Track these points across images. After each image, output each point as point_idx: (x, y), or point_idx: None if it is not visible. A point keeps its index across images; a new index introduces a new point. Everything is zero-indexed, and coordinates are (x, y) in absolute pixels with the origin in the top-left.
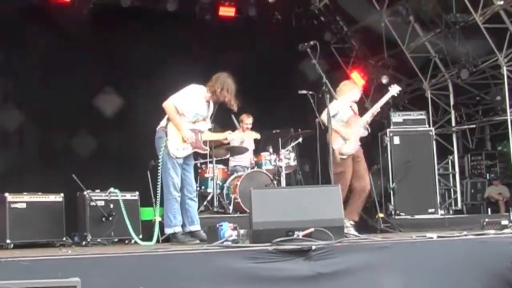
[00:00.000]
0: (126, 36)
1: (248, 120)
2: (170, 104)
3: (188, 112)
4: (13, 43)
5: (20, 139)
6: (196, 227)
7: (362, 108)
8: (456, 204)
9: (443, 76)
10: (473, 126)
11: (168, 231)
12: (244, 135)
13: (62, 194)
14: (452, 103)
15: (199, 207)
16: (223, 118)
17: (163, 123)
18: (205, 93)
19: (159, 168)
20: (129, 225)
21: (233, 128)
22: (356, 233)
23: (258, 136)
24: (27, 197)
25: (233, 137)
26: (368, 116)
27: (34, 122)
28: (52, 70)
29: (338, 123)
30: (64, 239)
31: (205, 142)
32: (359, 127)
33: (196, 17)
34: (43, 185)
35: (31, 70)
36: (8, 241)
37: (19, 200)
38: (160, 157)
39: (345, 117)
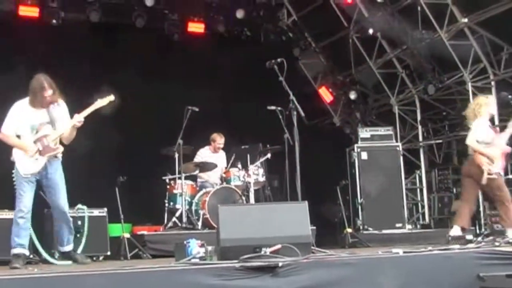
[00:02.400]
0: (92, 51)
1: (220, 140)
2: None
3: (22, 129)
4: None
5: None
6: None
7: (331, 124)
8: (423, 219)
9: (410, 91)
10: (440, 141)
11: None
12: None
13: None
14: (419, 118)
15: (167, 223)
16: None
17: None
18: (29, 103)
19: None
20: (37, 242)
21: (203, 145)
22: None
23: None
24: None
25: None
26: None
27: None
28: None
29: (481, 145)
30: (31, 256)
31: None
32: (502, 143)
33: (164, 33)
34: (10, 202)
35: None
36: None
37: None
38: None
39: (488, 138)
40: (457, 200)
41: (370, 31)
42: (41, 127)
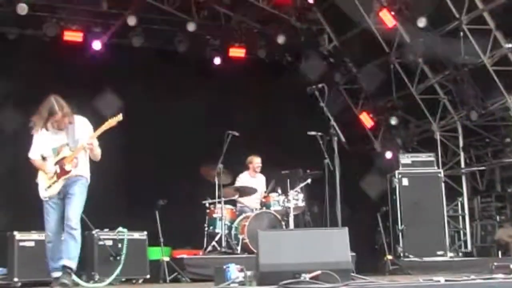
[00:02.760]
0: (134, 76)
1: (257, 159)
2: (29, 157)
3: (46, 152)
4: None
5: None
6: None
7: (372, 149)
8: (466, 247)
9: (452, 117)
10: (483, 168)
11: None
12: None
13: None
14: (461, 144)
15: (207, 247)
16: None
17: None
18: (42, 127)
19: None
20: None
21: (243, 170)
22: None
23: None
24: (35, 236)
25: None
26: None
27: None
28: None
29: None
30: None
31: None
32: None
33: (206, 58)
34: None
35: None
36: (15, 279)
37: (27, 238)
38: None
39: None
40: (501, 228)
41: (411, 56)
42: (61, 149)
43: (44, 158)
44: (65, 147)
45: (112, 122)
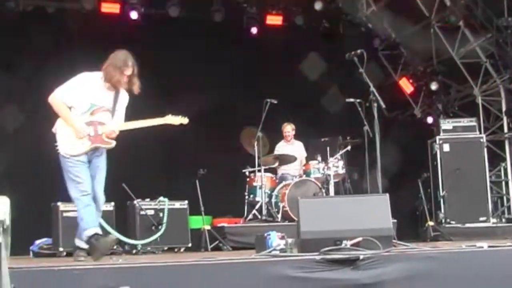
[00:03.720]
0: (173, 46)
1: (287, 127)
2: (53, 97)
3: (79, 104)
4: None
5: None
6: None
7: (412, 115)
8: (509, 213)
9: (495, 81)
10: None
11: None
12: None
13: (113, 203)
14: (504, 108)
15: (247, 215)
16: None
17: (56, 122)
18: (100, 79)
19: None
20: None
21: (279, 140)
22: None
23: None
24: None
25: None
26: None
27: None
28: None
29: None
30: (115, 247)
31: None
32: None
33: (243, 26)
34: None
35: None
36: (61, 249)
37: (71, 209)
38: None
39: None
40: None
41: (452, 20)
42: (99, 111)
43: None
44: (105, 112)
45: (173, 120)
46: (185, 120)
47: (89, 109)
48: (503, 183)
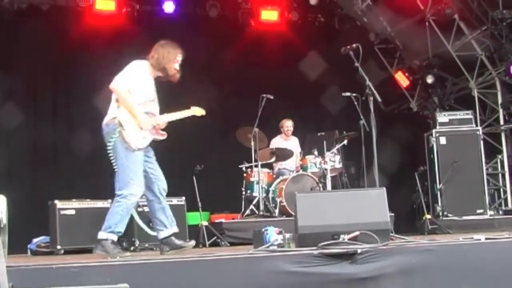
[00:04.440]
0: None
1: (288, 123)
2: (119, 84)
3: (137, 93)
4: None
5: (67, 148)
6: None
7: (408, 109)
8: (506, 205)
9: (490, 74)
10: None
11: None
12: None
13: (109, 200)
14: (500, 101)
15: (245, 211)
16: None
17: (112, 113)
18: (149, 68)
19: (114, 164)
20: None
21: (276, 134)
22: None
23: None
24: (76, 204)
25: None
26: None
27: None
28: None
29: None
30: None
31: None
32: None
33: (238, 22)
34: (91, 192)
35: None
36: (58, 247)
37: (68, 207)
38: (110, 151)
39: None
40: None
41: (448, 12)
42: (149, 101)
43: None
44: (153, 103)
45: (195, 111)
46: (203, 111)
47: (144, 100)
48: (500, 175)
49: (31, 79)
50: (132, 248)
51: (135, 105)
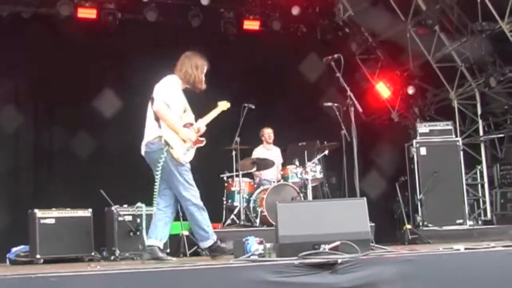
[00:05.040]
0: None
1: (267, 130)
2: (161, 104)
3: (176, 107)
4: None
5: (48, 156)
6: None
7: (389, 119)
8: (485, 215)
9: (470, 85)
10: (502, 135)
11: (207, 243)
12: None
13: (90, 210)
14: (479, 112)
15: (226, 220)
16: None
17: (155, 132)
18: (179, 81)
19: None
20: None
21: (258, 144)
22: None
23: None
24: (56, 213)
25: None
26: None
27: (63, 137)
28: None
29: None
30: (92, 254)
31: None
32: None
33: (220, 31)
34: (71, 201)
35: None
36: (38, 256)
37: (48, 216)
38: (159, 170)
39: None
40: None
41: (428, 23)
42: (184, 114)
43: None
44: (189, 112)
45: (223, 106)
46: (228, 105)
47: (182, 112)
48: (479, 185)
49: (13, 87)
50: (112, 257)
51: (176, 121)
